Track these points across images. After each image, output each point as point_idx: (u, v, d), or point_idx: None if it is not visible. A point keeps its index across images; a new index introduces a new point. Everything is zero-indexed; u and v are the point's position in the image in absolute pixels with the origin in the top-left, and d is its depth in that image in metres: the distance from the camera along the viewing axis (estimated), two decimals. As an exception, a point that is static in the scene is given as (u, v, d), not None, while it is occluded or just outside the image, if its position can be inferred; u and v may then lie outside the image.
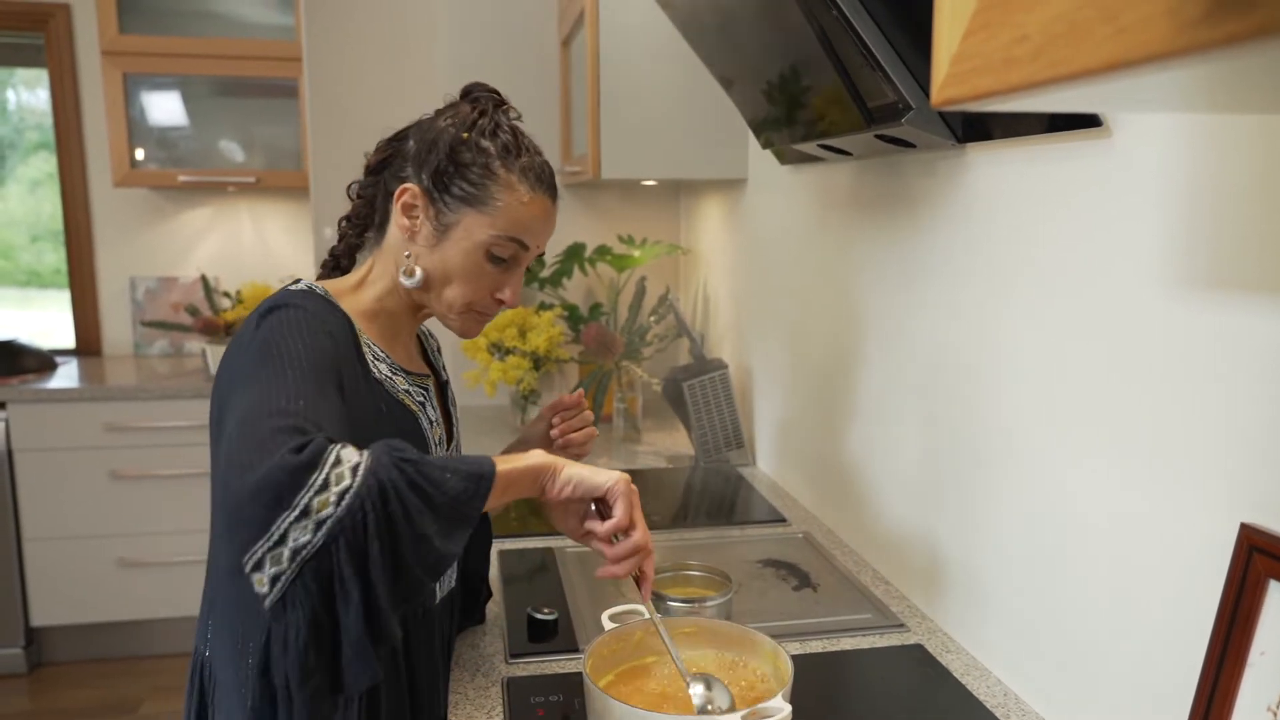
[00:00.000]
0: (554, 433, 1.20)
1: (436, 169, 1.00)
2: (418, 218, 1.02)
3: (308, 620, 0.73)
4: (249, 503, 0.73)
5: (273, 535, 0.72)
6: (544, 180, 1.04)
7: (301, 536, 0.72)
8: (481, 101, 1.05)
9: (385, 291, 1.05)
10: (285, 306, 0.93)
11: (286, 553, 0.72)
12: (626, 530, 0.93)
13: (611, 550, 0.94)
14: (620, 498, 0.92)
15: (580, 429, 1.20)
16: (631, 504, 0.93)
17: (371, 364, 0.99)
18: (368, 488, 0.74)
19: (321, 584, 0.72)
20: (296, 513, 0.72)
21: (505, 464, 0.86)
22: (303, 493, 0.72)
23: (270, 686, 0.88)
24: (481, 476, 0.82)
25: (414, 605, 0.80)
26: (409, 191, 1.01)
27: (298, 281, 1.02)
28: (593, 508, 0.95)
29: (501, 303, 1.06)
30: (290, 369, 0.85)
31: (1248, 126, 0.73)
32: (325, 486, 0.73)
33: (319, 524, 0.72)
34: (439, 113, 1.05)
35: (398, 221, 1.03)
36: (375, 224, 1.08)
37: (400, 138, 1.06)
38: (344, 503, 0.72)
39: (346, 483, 0.73)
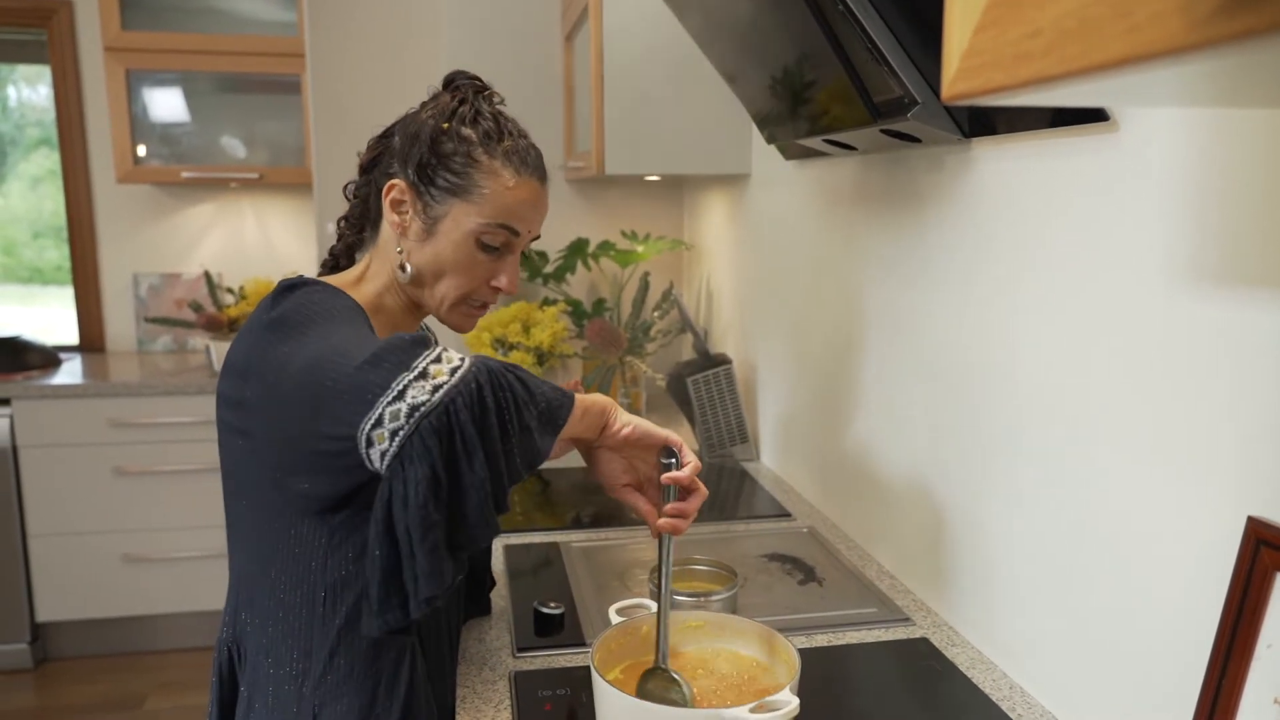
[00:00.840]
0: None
1: (420, 162, 1.00)
2: (406, 213, 1.02)
3: (428, 476, 0.76)
4: (366, 369, 0.78)
5: (392, 390, 0.76)
6: (529, 163, 1.03)
7: (420, 395, 0.76)
8: (462, 89, 1.04)
9: (383, 289, 1.05)
10: (304, 285, 0.96)
11: (405, 408, 0.76)
12: (688, 490, 0.98)
13: (671, 506, 0.98)
14: (688, 451, 0.98)
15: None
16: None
17: None
18: (477, 369, 0.79)
19: (442, 440, 0.76)
20: (415, 374, 0.77)
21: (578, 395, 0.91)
22: (421, 359, 0.78)
23: (394, 543, 0.81)
24: (566, 393, 0.89)
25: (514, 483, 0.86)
26: (396, 187, 1.01)
27: (300, 277, 1.02)
28: (661, 459, 1.00)
29: (499, 290, 1.06)
30: (339, 325, 0.89)
31: (1255, 120, 0.73)
32: (440, 359, 0.79)
33: (436, 387, 0.77)
34: (423, 105, 1.04)
35: (388, 218, 1.03)
36: (370, 222, 1.08)
37: (388, 134, 1.06)
38: (458, 374, 0.78)
39: (457, 362, 0.79)
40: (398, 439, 0.76)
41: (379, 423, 0.76)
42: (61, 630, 3.01)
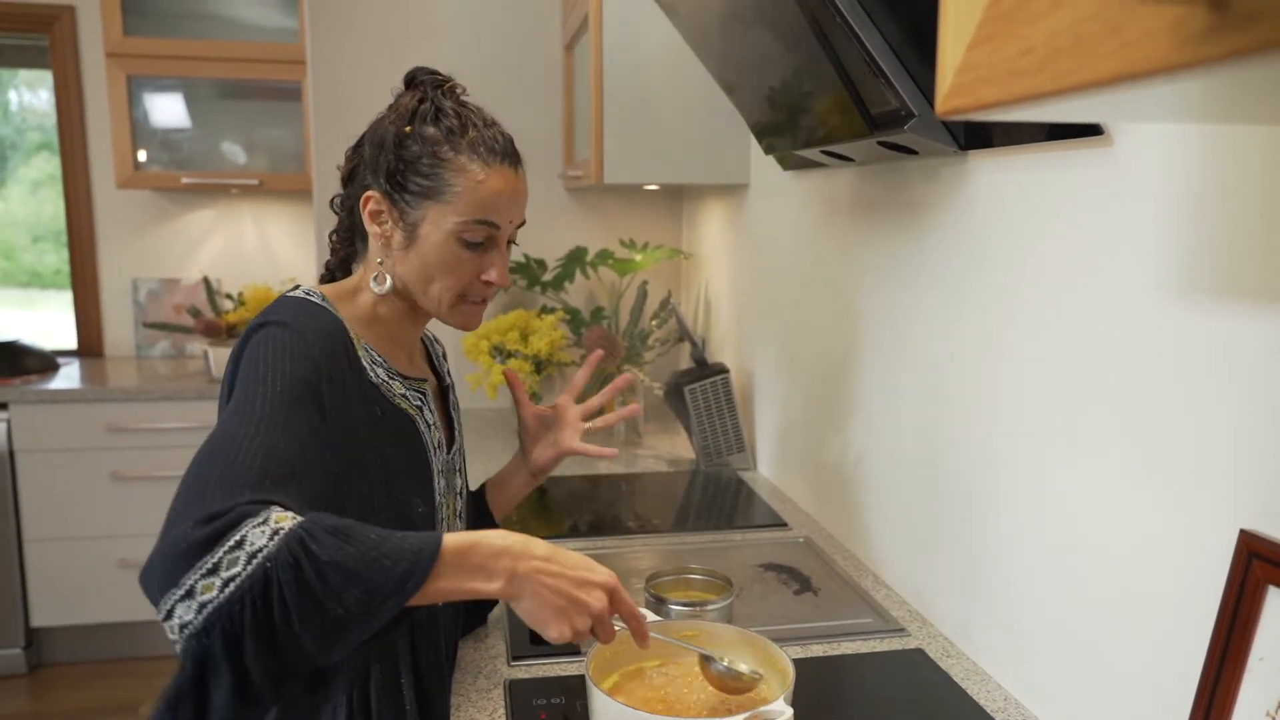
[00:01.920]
0: (588, 425, 1.26)
1: (389, 170, 0.99)
2: (386, 223, 1.01)
3: (167, 692, 0.72)
4: (158, 565, 0.73)
5: (162, 609, 0.72)
6: (498, 151, 1.00)
7: (186, 615, 0.71)
8: (421, 87, 1.02)
9: (377, 299, 1.04)
10: (269, 325, 0.92)
11: (176, 625, 0.71)
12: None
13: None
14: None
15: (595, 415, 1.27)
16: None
17: (369, 368, 0.99)
18: (252, 580, 0.71)
19: (197, 665, 0.71)
20: (182, 592, 0.71)
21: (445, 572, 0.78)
22: (190, 574, 0.71)
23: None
24: (421, 549, 0.77)
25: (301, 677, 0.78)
26: (372, 199, 1.00)
27: (296, 288, 1.02)
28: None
29: (490, 284, 1.04)
30: (257, 398, 0.85)
31: (1248, 135, 0.74)
32: (215, 570, 0.71)
33: (201, 606, 0.71)
34: (389, 109, 1.03)
35: (369, 230, 1.02)
36: (360, 234, 1.07)
37: (360, 144, 1.05)
38: (226, 591, 0.71)
39: (236, 570, 0.71)
40: (178, 645, 0.72)
41: (181, 603, 0.72)
42: (57, 635, 3.00)
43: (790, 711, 0.83)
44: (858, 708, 1.09)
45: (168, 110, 3.19)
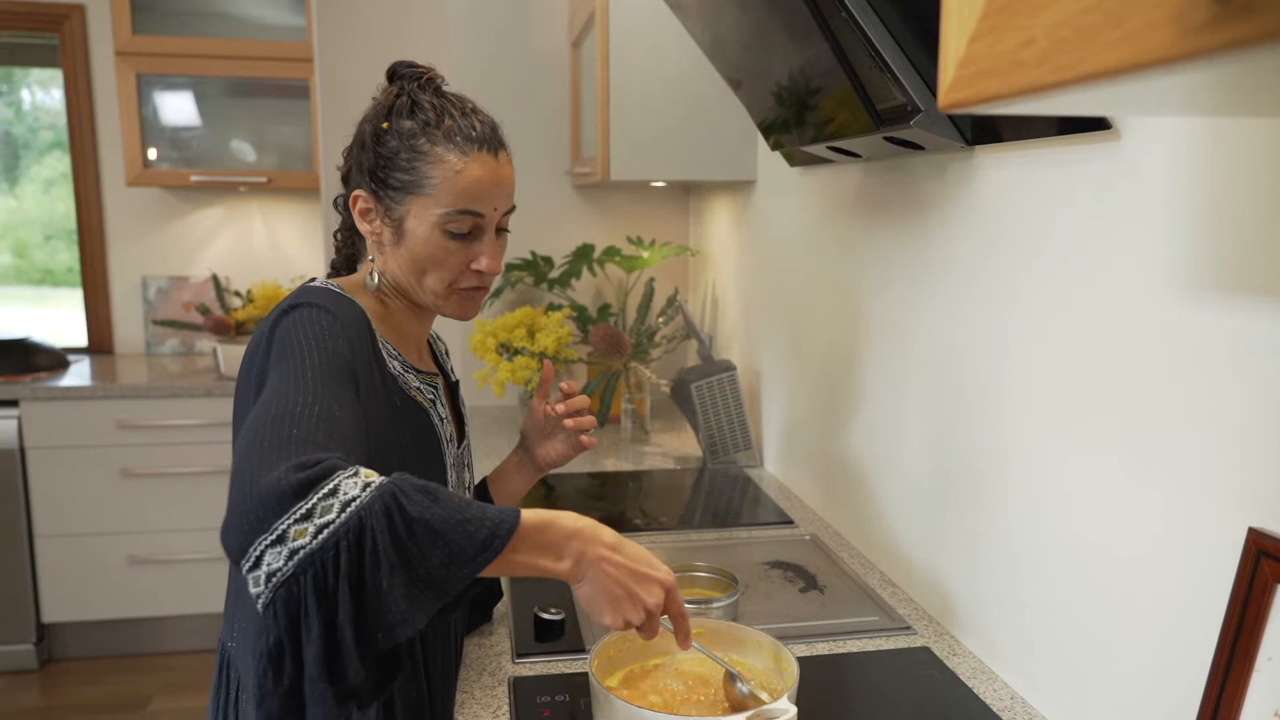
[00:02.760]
0: (569, 423, 1.22)
1: (371, 167, 0.99)
2: (375, 221, 1.01)
3: (268, 647, 0.71)
4: (246, 513, 0.72)
5: (250, 556, 0.71)
6: (474, 138, 0.98)
7: (275, 562, 0.70)
8: (400, 81, 1.02)
9: (383, 295, 1.05)
10: (303, 305, 0.93)
11: (263, 575, 0.70)
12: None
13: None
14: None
15: (580, 411, 1.23)
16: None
17: (387, 359, 1.00)
18: (347, 528, 0.70)
19: (289, 613, 0.70)
20: (273, 537, 0.70)
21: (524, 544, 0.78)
22: (283, 519, 0.70)
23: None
24: (504, 518, 0.76)
25: (385, 647, 0.75)
26: (360, 198, 1.01)
27: (313, 280, 1.02)
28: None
29: (481, 273, 1.03)
30: (307, 369, 0.84)
31: (1256, 129, 0.73)
32: (308, 516, 0.71)
33: (292, 553, 0.70)
34: (370, 106, 1.03)
35: (361, 229, 1.02)
36: (359, 232, 1.07)
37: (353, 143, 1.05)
38: (320, 537, 0.70)
39: (330, 516, 0.71)
40: (259, 603, 0.71)
41: (254, 568, 0.71)
42: (67, 631, 3.02)
43: (794, 710, 0.82)
44: (863, 706, 1.08)
45: (177, 108, 3.20)
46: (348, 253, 1.12)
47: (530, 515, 0.79)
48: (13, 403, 2.81)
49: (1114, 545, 0.91)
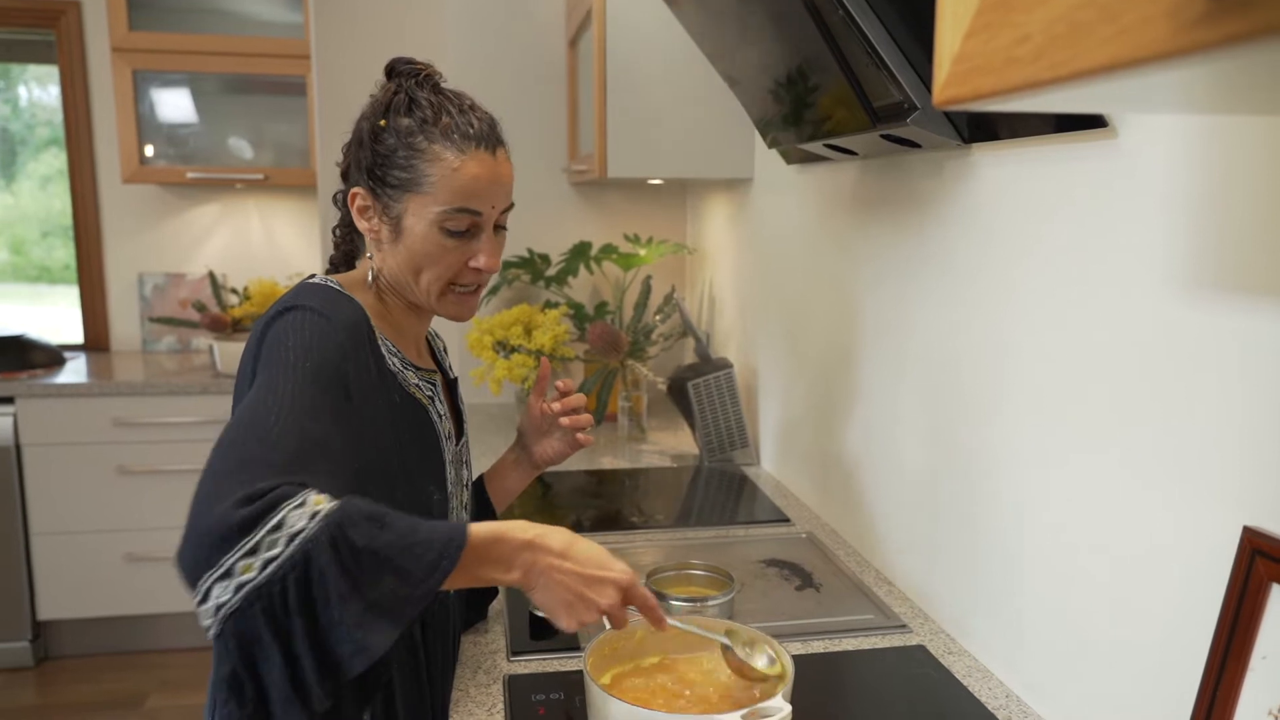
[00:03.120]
0: (565, 421, 1.22)
1: (369, 165, 0.99)
2: (373, 218, 1.01)
3: (225, 676, 0.72)
4: (196, 545, 0.72)
5: (199, 590, 0.71)
6: (472, 136, 0.97)
7: (223, 595, 0.71)
8: (398, 78, 1.01)
9: (382, 292, 1.05)
10: (295, 309, 0.92)
11: (211, 607, 0.71)
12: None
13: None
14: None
15: (577, 409, 1.23)
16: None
17: (386, 356, 1.00)
18: (293, 562, 0.71)
19: (242, 643, 0.71)
20: (220, 572, 0.71)
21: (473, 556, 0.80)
22: (230, 555, 0.71)
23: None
24: (451, 535, 0.78)
25: (350, 676, 0.75)
26: (358, 195, 1.00)
27: (312, 276, 1.02)
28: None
29: (479, 271, 1.02)
30: (289, 379, 0.84)
31: (1254, 127, 0.73)
32: (254, 551, 0.71)
33: (239, 586, 0.70)
34: (368, 103, 1.03)
35: (359, 226, 1.02)
36: (358, 229, 1.07)
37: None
38: (266, 571, 0.71)
39: (277, 550, 0.71)
40: (211, 629, 0.72)
41: (219, 583, 0.71)
42: (63, 629, 3.01)
43: (789, 708, 0.82)
44: (859, 705, 1.08)
45: (173, 105, 3.19)
46: (346, 249, 1.12)
47: (478, 530, 0.80)
48: (8, 400, 2.81)
49: (1110, 544, 0.91)
